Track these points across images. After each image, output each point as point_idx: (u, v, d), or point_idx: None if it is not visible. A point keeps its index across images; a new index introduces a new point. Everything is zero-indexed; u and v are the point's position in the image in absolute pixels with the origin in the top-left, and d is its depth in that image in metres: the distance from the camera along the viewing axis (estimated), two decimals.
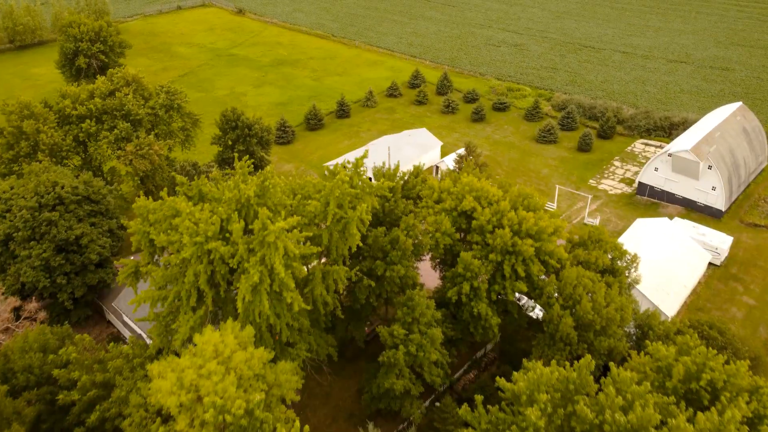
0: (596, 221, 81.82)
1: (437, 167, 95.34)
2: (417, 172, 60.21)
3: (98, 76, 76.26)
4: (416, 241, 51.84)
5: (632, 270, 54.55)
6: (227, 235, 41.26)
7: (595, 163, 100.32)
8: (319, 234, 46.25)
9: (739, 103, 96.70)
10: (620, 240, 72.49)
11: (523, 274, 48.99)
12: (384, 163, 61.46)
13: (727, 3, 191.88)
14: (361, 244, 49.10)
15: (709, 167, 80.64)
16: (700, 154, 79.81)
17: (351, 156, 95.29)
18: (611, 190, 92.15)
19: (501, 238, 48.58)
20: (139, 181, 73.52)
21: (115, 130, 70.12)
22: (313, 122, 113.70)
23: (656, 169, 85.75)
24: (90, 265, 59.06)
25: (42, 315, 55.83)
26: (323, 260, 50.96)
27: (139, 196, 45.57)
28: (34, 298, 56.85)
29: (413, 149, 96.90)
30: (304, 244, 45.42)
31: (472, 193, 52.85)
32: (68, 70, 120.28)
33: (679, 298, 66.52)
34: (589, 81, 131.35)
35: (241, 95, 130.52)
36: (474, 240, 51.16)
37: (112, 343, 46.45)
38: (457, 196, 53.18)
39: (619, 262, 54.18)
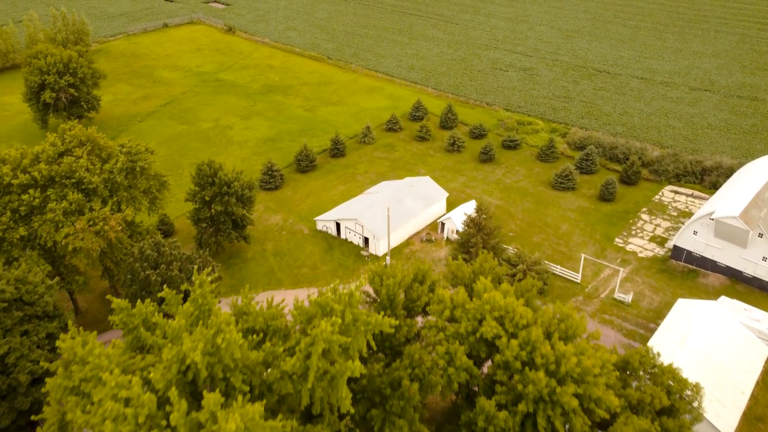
0: (629, 298, 70.61)
1: (443, 224, 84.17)
2: (422, 274, 48.97)
3: (48, 135, 64.76)
4: (423, 380, 40.65)
5: (695, 404, 43.40)
6: (163, 423, 29.89)
7: (620, 216, 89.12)
8: (298, 391, 34.92)
9: None
10: (661, 330, 61.40)
11: (562, 430, 37.81)
12: (384, 262, 50.16)
13: (747, 21, 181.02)
14: (353, 384, 37.95)
15: (760, 235, 69.51)
16: (750, 220, 68.72)
17: (347, 211, 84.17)
18: (641, 252, 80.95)
19: (534, 384, 37.40)
20: (96, 258, 62.39)
21: (64, 202, 58.94)
22: (304, 164, 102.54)
23: (695, 233, 74.61)
24: (20, 386, 47.86)
25: None
26: None
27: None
28: None
29: (415, 202, 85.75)
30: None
31: (494, 312, 41.64)
32: (35, 104, 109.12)
33: (736, 410, 55.34)
34: (607, 113, 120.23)
35: (227, 128, 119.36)
36: (498, 378, 39.95)
37: None
38: (475, 316, 41.97)
39: (679, 396, 43.01)
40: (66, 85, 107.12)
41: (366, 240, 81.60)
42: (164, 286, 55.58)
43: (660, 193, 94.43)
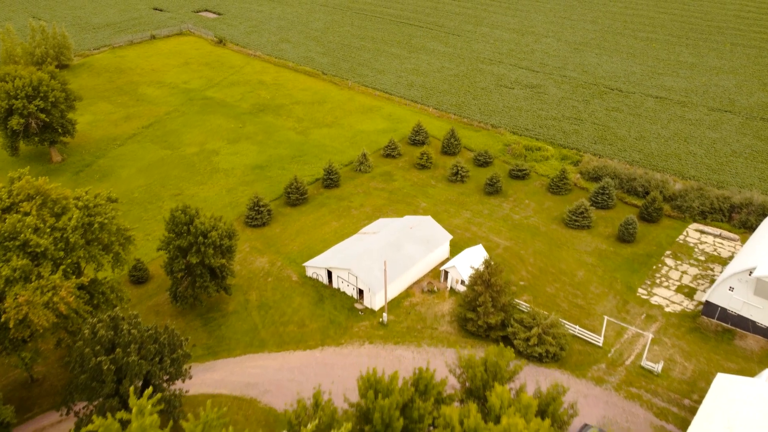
0: (658, 367, 62.06)
1: (446, 272, 75.59)
2: (426, 382, 40.33)
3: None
4: None
5: None
6: None
7: (641, 261, 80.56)
8: None
9: None
10: (700, 417, 52.78)
11: None
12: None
13: (764, 32, 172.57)
14: None
15: None
16: None
17: (340, 257, 75.52)
18: (668, 305, 72.38)
19: None
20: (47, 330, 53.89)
21: (6, 268, 50.44)
22: (294, 197, 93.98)
23: (731, 289, 66.09)
24: None
25: None
26: None
27: None
28: None
29: (416, 247, 77.20)
30: None
31: None
32: (3, 130, 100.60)
33: None
34: (621, 137, 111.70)
35: (213, 154, 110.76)
36: None
37: None
38: None
39: None
40: (36, 110, 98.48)
41: (360, 292, 73.07)
42: (119, 377, 47.23)
43: (684, 233, 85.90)
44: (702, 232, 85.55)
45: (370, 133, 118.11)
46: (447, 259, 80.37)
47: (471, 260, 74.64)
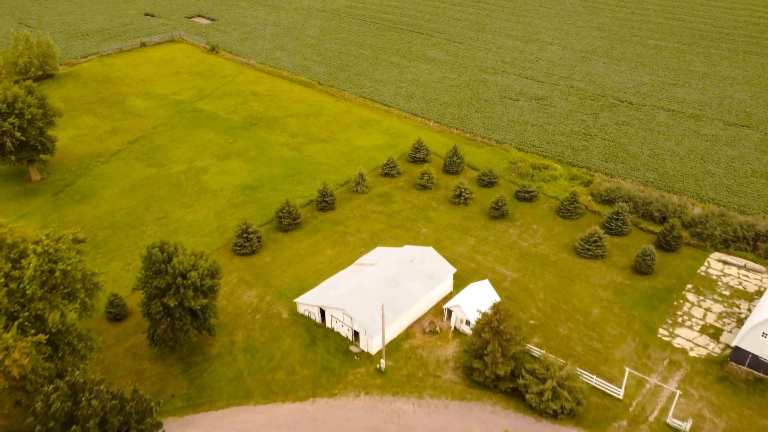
0: (686, 426, 55.87)
1: (449, 311, 69.38)
2: None
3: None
4: None
5: None
6: None
7: (661, 296, 74.36)
8: None
9: None
10: None
11: None
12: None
13: None
14: None
15: None
16: None
17: (334, 294, 69.29)
18: (692, 349, 66.19)
19: None
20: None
21: None
22: (287, 222, 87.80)
23: (764, 335, 59.89)
24: None
25: None
26: None
27: None
28: None
29: (416, 282, 71.00)
30: None
31: None
32: None
33: None
34: (633, 154, 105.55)
35: (201, 172, 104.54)
36: None
37: None
38: None
39: None
40: (12, 128, 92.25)
41: (356, 333, 66.87)
42: None
43: (706, 263, 79.73)
44: (725, 262, 79.38)
45: (367, 149, 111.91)
46: (450, 294, 74.22)
47: (476, 298, 68.50)
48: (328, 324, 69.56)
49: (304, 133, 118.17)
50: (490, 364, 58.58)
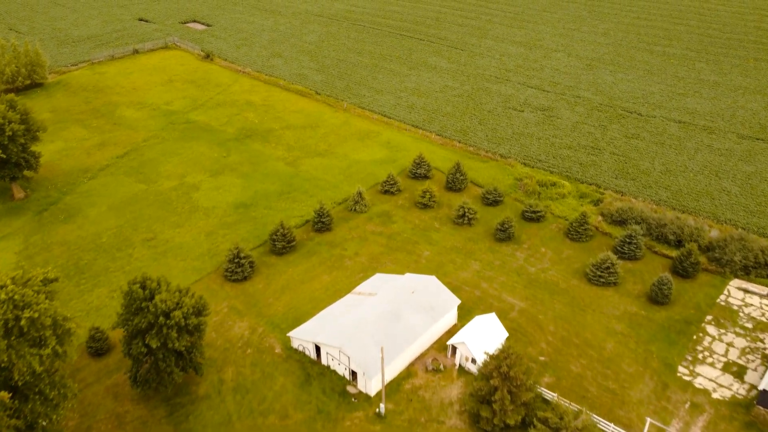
0: None
1: (454, 348, 64.73)
2: None
3: None
4: None
5: None
6: None
7: (679, 329, 69.73)
8: None
9: None
10: None
11: None
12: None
13: None
14: None
15: None
16: None
17: (330, 329, 64.63)
18: (715, 390, 61.57)
19: None
20: None
21: None
22: (281, 245, 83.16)
23: None
24: None
25: None
26: None
27: None
28: None
29: (418, 316, 66.37)
30: None
31: None
32: None
33: None
34: (645, 170, 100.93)
35: (192, 189, 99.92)
36: None
37: None
38: None
39: None
40: None
41: (353, 373, 62.23)
42: None
43: (725, 292, 75.10)
44: (746, 291, 74.76)
45: (366, 163, 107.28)
46: (455, 327, 69.65)
47: (483, 333, 63.95)
48: (324, 361, 64.93)
49: (301, 147, 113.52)
50: (499, 411, 53.98)
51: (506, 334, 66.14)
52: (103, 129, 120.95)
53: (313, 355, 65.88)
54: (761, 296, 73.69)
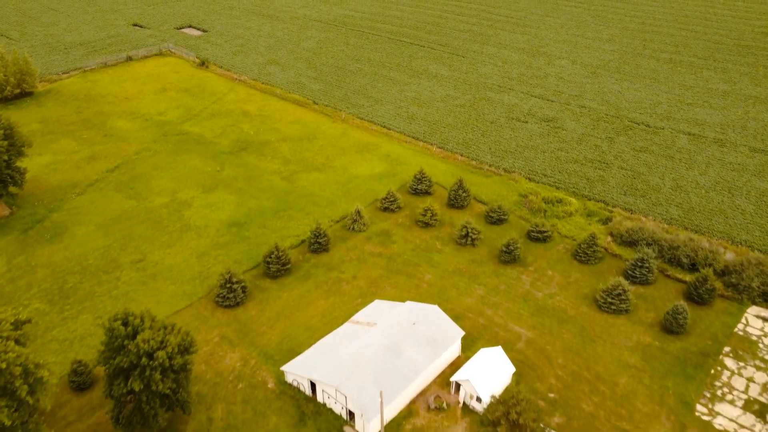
0: None
1: (458, 385, 60.89)
2: None
3: None
4: None
5: None
6: None
7: (696, 362, 65.90)
8: None
9: None
10: None
11: None
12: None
13: None
14: None
15: None
16: None
17: (326, 364, 60.80)
18: (736, 431, 57.70)
19: None
20: None
21: None
22: (275, 268, 79.29)
23: None
24: None
25: None
26: None
27: None
28: None
29: (420, 350, 62.50)
30: None
31: None
32: None
33: None
34: (655, 186, 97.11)
35: (184, 206, 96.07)
36: None
37: None
38: None
39: None
40: None
41: (351, 413, 58.38)
42: None
43: (743, 320, 71.28)
44: (765, 319, 70.96)
45: (365, 178, 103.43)
46: (458, 359, 65.84)
47: (488, 369, 60.13)
48: (320, 398, 61.11)
49: (297, 160, 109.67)
50: None
51: (513, 369, 62.31)
52: (94, 141, 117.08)
53: (308, 391, 62.08)
54: None
